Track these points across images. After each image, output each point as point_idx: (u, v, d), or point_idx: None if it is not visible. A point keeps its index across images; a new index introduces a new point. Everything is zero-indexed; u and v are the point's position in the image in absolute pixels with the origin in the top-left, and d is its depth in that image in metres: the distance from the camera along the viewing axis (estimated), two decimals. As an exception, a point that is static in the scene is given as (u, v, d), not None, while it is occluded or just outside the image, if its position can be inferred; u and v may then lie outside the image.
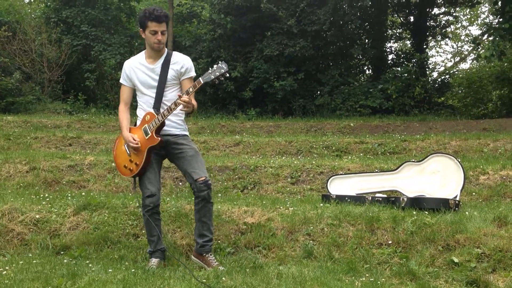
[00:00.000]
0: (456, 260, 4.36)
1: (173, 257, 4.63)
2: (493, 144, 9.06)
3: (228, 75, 4.35)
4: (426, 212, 5.10)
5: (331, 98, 15.94)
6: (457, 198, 5.38)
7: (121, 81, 4.66)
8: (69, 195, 6.29)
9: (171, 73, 4.48)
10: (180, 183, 7.52)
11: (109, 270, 4.13)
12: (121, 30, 18.98)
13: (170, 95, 4.48)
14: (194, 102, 4.37)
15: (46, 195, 6.22)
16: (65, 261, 4.59)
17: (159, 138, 4.40)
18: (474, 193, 6.50)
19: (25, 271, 4.16)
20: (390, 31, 19.91)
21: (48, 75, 17.05)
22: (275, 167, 7.77)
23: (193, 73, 4.58)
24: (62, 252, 4.98)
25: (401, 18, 19.68)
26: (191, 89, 4.33)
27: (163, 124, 4.41)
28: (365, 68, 20.12)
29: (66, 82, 17.79)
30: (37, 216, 5.41)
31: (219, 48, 16.98)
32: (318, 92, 16.85)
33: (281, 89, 15.83)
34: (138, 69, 4.54)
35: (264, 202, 5.87)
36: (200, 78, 4.32)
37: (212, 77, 4.30)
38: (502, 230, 4.65)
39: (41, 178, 7.58)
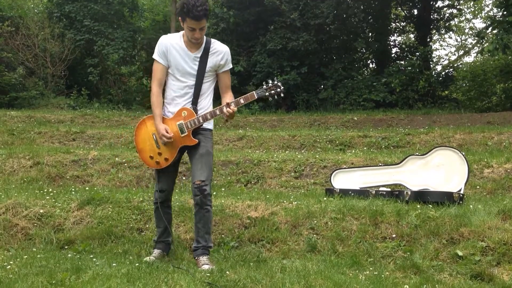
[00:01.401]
0: (460, 253, 4.35)
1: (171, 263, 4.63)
2: (498, 137, 9.03)
3: (282, 95, 4.34)
4: (430, 206, 5.08)
5: (334, 92, 15.91)
6: (461, 192, 5.36)
7: (155, 56, 4.29)
8: (73, 189, 6.29)
9: (210, 64, 4.28)
10: (184, 177, 7.52)
11: (113, 264, 4.13)
12: (124, 24, 18.96)
13: (206, 86, 4.31)
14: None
15: (50, 190, 6.22)
16: (69, 255, 4.59)
17: (197, 140, 4.24)
18: (478, 187, 6.48)
19: (29, 265, 4.17)
20: (393, 25, 19.85)
21: (51, 70, 17.06)
22: (279, 161, 7.76)
23: (231, 65, 4.42)
24: (66, 247, 4.99)
25: (405, 11, 19.61)
26: (242, 101, 4.23)
27: (201, 125, 4.26)
28: (368, 62, 20.08)
29: (69, 77, 17.81)
30: (41, 211, 5.42)
31: (222, 42, 16.89)
32: (322, 86, 16.83)
33: (284, 83, 15.71)
34: (176, 51, 4.24)
35: (267, 196, 5.87)
36: (254, 92, 4.26)
37: (267, 94, 4.30)
38: (506, 223, 4.63)
39: (45, 173, 7.59)
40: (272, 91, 4.27)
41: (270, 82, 4.30)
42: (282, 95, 4.31)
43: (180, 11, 4.11)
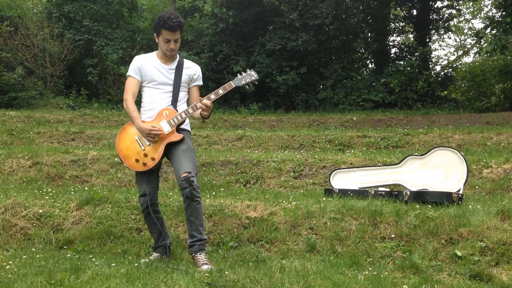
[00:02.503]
0: (459, 253, 4.36)
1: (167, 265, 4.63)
2: (496, 138, 9.04)
3: (257, 83, 4.63)
4: (429, 206, 5.09)
5: (333, 92, 15.91)
6: (460, 192, 5.37)
7: (129, 73, 4.53)
8: (72, 189, 6.30)
9: (185, 75, 4.51)
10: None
11: (112, 264, 4.14)
12: (123, 24, 18.96)
13: (182, 95, 4.51)
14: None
15: (49, 189, 6.23)
16: (68, 255, 4.59)
17: (182, 135, 4.38)
18: (477, 187, 6.48)
19: (28, 265, 4.17)
20: (392, 25, 19.84)
21: (51, 70, 17.05)
22: (278, 161, 7.76)
23: (201, 82, 4.65)
24: (65, 247, 4.99)
25: (404, 12, 19.61)
26: (221, 91, 4.44)
27: (183, 121, 4.42)
28: (367, 62, 20.08)
29: (69, 77, 17.80)
30: (40, 211, 5.42)
31: (221, 43, 16.95)
32: (321, 86, 16.83)
33: (283, 83, 15.80)
34: (152, 66, 4.49)
35: (266, 196, 5.87)
36: (231, 82, 4.50)
37: (243, 82, 4.54)
38: (505, 224, 4.64)
39: (44, 173, 7.58)
40: (248, 79, 4.55)
41: (244, 72, 4.60)
42: (256, 83, 4.61)
43: (156, 25, 4.41)
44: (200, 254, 4.28)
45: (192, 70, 4.57)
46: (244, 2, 16.60)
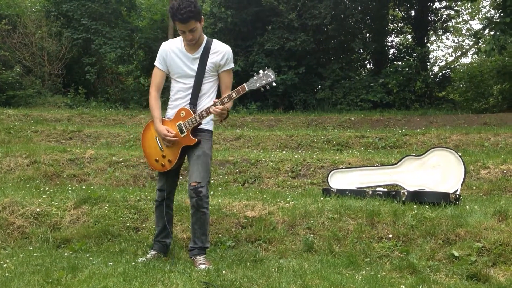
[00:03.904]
0: (456, 254, 4.36)
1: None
2: (494, 138, 9.06)
3: (274, 84, 4.16)
4: (427, 206, 5.09)
5: (332, 92, 15.92)
6: (458, 192, 5.37)
7: (156, 63, 4.36)
8: (70, 188, 6.29)
9: (209, 64, 4.25)
10: (181, 177, 7.51)
11: (110, 263, 4.13)
12: (121, 23, 18.93)
13: (207, 86, 4.29)
14: (229, 105, 4.18)
15: (47, 188, 6.22)
16: (65, 254, 4.59)
17: (196, 140, 4.22)
18: (474, 187, 6.49)
19: (25, 264, 4.16)
20: (391, 25, 19.87)
21: (49, 69, 17.03)
22: (276, 161, 7.76)
23: (232, 65, 4.36)
24: (62, 245, 4.98)
25: (402, 12, 19.63)
26: (234, 94, 4.14)
27: (199, 124, 4.24)
28: (366, 62, 20.09)
29: (67, 76, 17.78)
30: (38, 210, 5.41)
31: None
32: (319, 86, 16.84)
33: (282, 83, 15.80)
34: (175, 55, 4.28)
35: (264, 196, 5.87)
36: (244, 85, 4.14)
37: (258, 85, 4.13)
38: (502, 224, 4.65)
39: (42, 172, 7.57)
40: (263, 81, 4.12)
41: (261, 72, 4.16)
42: (274, 84, 4.15)
43: (170, 15, 4.17)
44: (199, 256, 4.29)
45: (219, 55, 4.25)
46: (243, 1, 16.59)
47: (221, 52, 4.28)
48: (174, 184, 4.55)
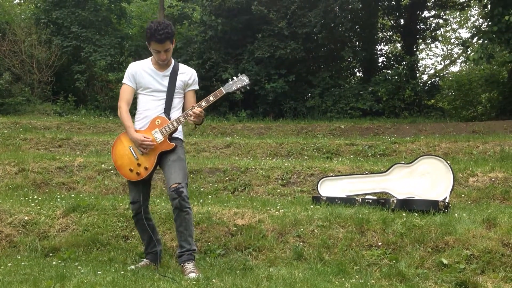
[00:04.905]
0: (445, 261, 4.38)
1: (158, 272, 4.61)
2: (482, 146, 9.12)
3: (249, 87, 4.54)
4: (416, 214, 5.11)
5: (321, 100, 15.98)
6: (447, 200, 5.40)
7: (124, 81, 4.54)
8: (58, 196, 6.25)
9: (179, 82, 4.48)
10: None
11: (98, 272, 4.11)
12: (111, 31, 18.91)
13: (177, 101, 4.49)
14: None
15: (35, 196, 6.18)
16: (54, 263, 4.55)
17: (174, 144, 4.37)
18: (463, 195, 6.53)
19: (13, 273, 4.13)
20: (380, 34, 20.01)
21: (38, 76, 16.95)
22: (266, 169, 7.77)
23: (197, 86, 4.63)
24: (51, 254, 4.95)
25: (392, 21, 19.79)
26: (211, 98, 4.39)
27: (175, 130, 4.40)
28: (355, 71, 20.19)
29: (56, 83, 17.68)
30: (26, 218, 5.37)
31: (210, 50, 16.96)
32: (309, 94, 16.91)
33: (272, 91, 15.84)
34: (146, 73, 4.47)
35: (254, 204, 5.87)
36: (221, 88, 4.45)
37: (234, 88, 4.48)
38: (491, 232, 4.67)
39: (30, 180, 7.52)
40: (239, 85, 4.49)
41: (235, 77, 4.52)
42: (248, 87, 4.53)
43: (146, 35, 4.39)
44: (188, 263, 4.28)
45: (187, 75, 4.53)
46: (233, 10, 16.64)
47: (188, 73, 4.56)
48: (148, 195, 4.61)
